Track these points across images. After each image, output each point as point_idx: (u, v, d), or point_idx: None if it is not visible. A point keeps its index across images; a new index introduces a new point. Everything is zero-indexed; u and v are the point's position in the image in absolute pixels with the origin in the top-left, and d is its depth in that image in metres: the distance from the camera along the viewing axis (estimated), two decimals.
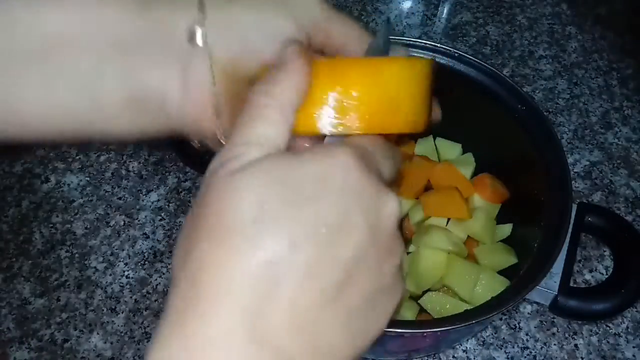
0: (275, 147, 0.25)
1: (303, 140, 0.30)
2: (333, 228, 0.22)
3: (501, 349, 0.55)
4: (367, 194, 0.24)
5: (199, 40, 0.28)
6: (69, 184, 0.65)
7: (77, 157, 0.67)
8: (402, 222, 0.62)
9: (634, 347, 0.56)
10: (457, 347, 0.55)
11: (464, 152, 0.65)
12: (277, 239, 0.22)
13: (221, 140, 0.30)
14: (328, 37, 0.31)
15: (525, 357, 0.55)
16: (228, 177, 0.23)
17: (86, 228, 0.62)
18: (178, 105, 0.29)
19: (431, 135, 0.66)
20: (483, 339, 0.56)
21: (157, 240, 0.61)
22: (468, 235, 0.58)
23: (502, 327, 0.57)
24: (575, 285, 0.59)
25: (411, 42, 0.57)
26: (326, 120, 0.27)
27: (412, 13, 0.83)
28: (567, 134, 0.71)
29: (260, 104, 0.25)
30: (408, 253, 0.58)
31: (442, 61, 0.57)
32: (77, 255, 0.60)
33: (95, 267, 0.59)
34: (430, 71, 0.32)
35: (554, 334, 0.56)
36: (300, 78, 0.26)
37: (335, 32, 0.32)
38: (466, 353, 0.55)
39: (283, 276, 0.22)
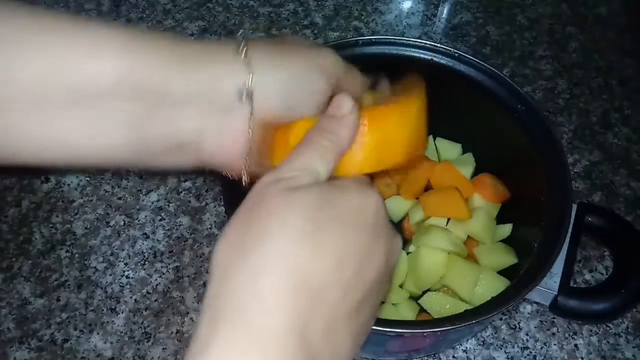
0: (321, 179, 0.29)
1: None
2: (366, 252, 0.27)
3: (501, 349, 0.55)
4: (387, 229, 0.29)
5: (245, 98, 0.32)
6: (69, 184, 0.65)
7: None
8: (401, 222, 0.62)
9: (634, 347, 0.56)
10: (457, 347, 0.55)
11: (464, 152, 0.65)
12: (328, 253, 0.25)
13: (244, 178, 0.35)
14: (340, 87, 0.36)
15: (525, 357, 0.55)
16: (285, 192, 0.26)
17: (86, 228, 0.62)
18: (211, 149, 0.34)
19: (431, 135, 0.66)
20: (483, 339, 0.56)
21: (157, 240, 0.61)
22: (468, 235, 0.58)
23: (502, 327, 0.57)
24: (575, 285, 0.59)
25: (411, 42, 0.57)
26: (364, 162, 0.33)
27: (412, 13, 0.83)
28: (567, 134, 0.71)
29: (322, 143, 0.30)
30: (408, 253, 0.58)
31: (442, 61, 0.57)
32: (77, 255, 0.60)
33: (95, 267, 0.59)
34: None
35: (554, 334, 0.56)
36: (355, 131, 0.31)
37: (348, 83, 0.37)
38: (466, 353, 0.55)
39: (329, 287, 0.25)
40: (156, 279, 0.59)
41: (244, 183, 0.36)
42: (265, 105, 0.33)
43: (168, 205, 0.64)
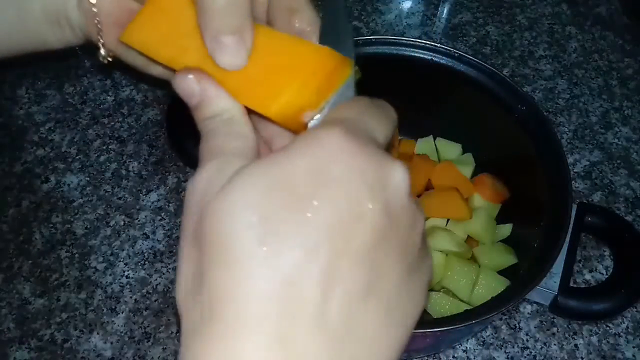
0: (251, 151, 0.25)
1: (282, 140, 0.30)
2: (344, 220, 0.20)
3: (501, 349, 0.55)
4: (369, 171, 0.21)
5: None
6: (69, 184, 0.65)
7: (77, 157, 0.67)
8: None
9: (634, 347, 0.56)
10: (457, 347, 0.55)
11: (464, 152, 0.65)
12: (289, 253, 0.20)
13: (101, 52, 0.33)
14: None
15: (525, 357, 0.55)
16: (220, 196, 0.21)
17: (86, 228, 0.62)
18: (77, 16, 0.32)
19: (431, 135, 0.66)
20: (483, 339, 0.56)
21: (157, 240, 0.61)
22: (468, 235, 0.58)
23: (502, 327, 0.57)
24: (575, 285, 0.59)
25: (411, 42, 0.57)
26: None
27: (412, 13, 0.83)
28: (567, 134, 0.71)
29: (210, 129, 0.25)
30: None
31: (442, 61, 0.57)
32: (77, 255, 0.60)
33: (95, 267, 0.59)
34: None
35: (554, 334, 0.56)
36: (219, 99, 0.26)
37: None
38: (466, 353, 0.55)
39: (305, 289, 0.20)
40: (156, 279, 0.59)
41: (100, 58, 0.33)
42: None
43: (168, 205, 0.64)
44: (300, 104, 0.25)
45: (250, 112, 0.27)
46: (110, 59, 0.34)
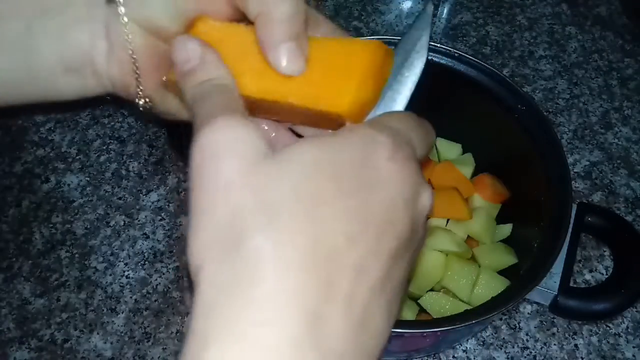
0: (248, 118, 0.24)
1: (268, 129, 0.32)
2: (380, 221, 0.22)
3: (501, 349, 0.55)
4: (408, 185, 0.23)
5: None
6: (69, 184, 0.65)
7: (77, 157, 0.67)
8: None
9: (634, 347, 0.56)
10: (457, 347, 0.55)
11: (464, 152, 0.65)
12: (333, 235, 0.21)
13: (140, 101, 0.31)
14: None
15: (525, 357, 0.55)
16: (269, 165, 0.21)
17: (86, 228, 0.62)
18: (105, 63, 0.30)
19: None
20: (483, 339, 0.56)
21: (157, 240, 0.61)
22: (468, 235, 0.58)
23: (502, 327, 0.57)
24: (575, 285, 0.59)
25: None
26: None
27: (412, 13, 0.83)
28: (567, 134, 0.71)
29: (206, 91, 0.25)
30: None
31: (442, 61, 0.57)
32: (77, 255, 0.60)
33: (95, 267, 0.59)
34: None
35: (554, 334, 0.56)
36: (218, 67, 0.26)
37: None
38: (466, 353, 0.55)
39: (341, 273, 0.21)
40: (156, 279, 0.59)
41: (140, 107, 0.31)
42: (143, 6, 0.28)
43: (168, 205, 0.64)
44: (365, 97, 0.28)
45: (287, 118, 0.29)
46: (149, 106, 0.32)
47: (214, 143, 0.22)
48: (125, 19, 0.28)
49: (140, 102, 0.31)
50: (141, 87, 0.30)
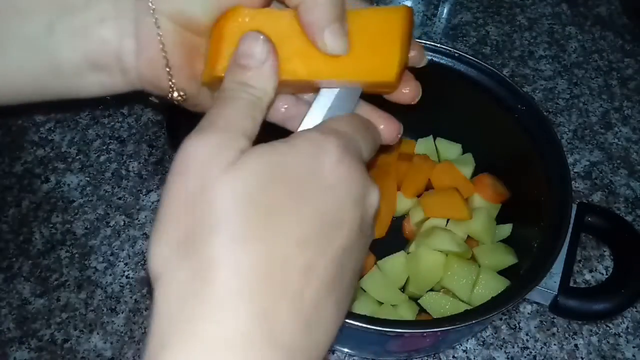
0: (253, 136, 0.25)
1: (281, 102, 0.33)
2: (329, 223, 0.23)
3: (501, 349, 0.55)
4: (355, 186, 0.25)
5: None
6: (69, 184, 0.65)
7: (77, 157, 0.67)
8: (402, 222, 0.62)
9: (634, 347, 0.56)
10: (457, 347, 0.55)
11: (464, 152, 0.65)
12: (286, 238, 0.22)
13: (173, 95, 0.31)
14: None
15: (525, 357, 0.55)
16: (228, 173, 0.23)
17: (86, 228, 0.62)
18: (134, 60, 0.29)
19: (431, 135, 0.66)
20: (483, 339, 0.56)
21: None
22: (468, 235, 0.58)
23: (502, 327, 0.57)
24: (575, 285, 0.59)
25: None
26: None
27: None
28: (567, 134, 0.71)
29: (241, 98, 0.26)
30: (408, 253, 0.58)
31: (442, 61, 0.57)
32: (77, 255, 0.60)
33: (95, 267, 0.59)
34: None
35: (554, 334, 0.56)
36: (275, 78, 0.27)
37: None
38: (466, 353, 0.55)
39: (291, 274, 0.22)
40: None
41: (174, 101, 0.31)
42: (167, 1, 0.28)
43: None
44: (405, 60, 0.30)
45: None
46: (183, 99, 0.32)
47: (188, 158, 0.24)
48: (157, 14, 0.28)
49: (174, 95, 0.31)
50: (173, 81, 0.30)
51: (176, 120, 0.56)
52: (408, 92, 0.33)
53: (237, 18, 0.29)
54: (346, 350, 0.54)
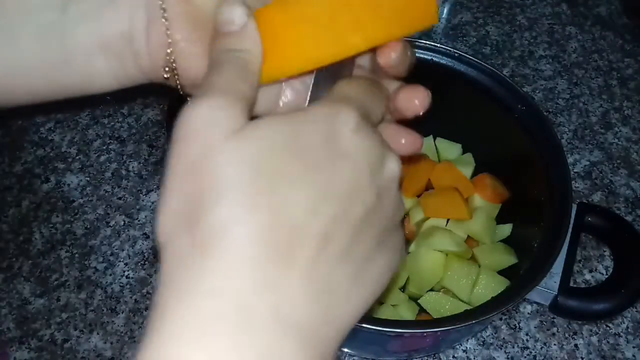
0: (251, 101, 0.25)
1: (290, 86, 0.32)
2: (345, 191, 0.23)
3: (501, 349, 0.55)
4: (373, 155, 0.24)
5: None
6: (69, 184, 0.65)
7: (77, 157, 0.67)
8: (402, 222, 0.62)
9: (634, 347, 0.56)
10: (457, 347, 0.55)
11: (464, 152, 0.65)
12: (297, 205, 0.21)
13: (177, 83, 0.30)
14: None
15: (525, 357, 0.55)
16: (235, 140, 0.22)
17: (86, 228, 0.62)
18: (144, 40, 0.28)
19: (431, 135, 0.66)
20: (483, 339, 0.56)
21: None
22: (468, 235, 0.58)
23: (502, 327, 0.57)
24: (575, 285, 0.59)
25: (411, 42, 0.57)
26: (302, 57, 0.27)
27: None
28: (567, 134, 0.71)
29: (231, 63, 0.25)
30: (408, 253, 0.58)
31: (442, 61, 0.57)
32: (77, 255, 0.60)
33: (95, 267, 0.59)
34: None
35: (554, 334, 0.56)
36: (257, 40, 0.26)
37: None
38: (466, 353, 0.55)
39: (302, 242, 0.21)
40: (156, 279, 0.59)
41: (180, 91, 0.30)
42: None
43: None
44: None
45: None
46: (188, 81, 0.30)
47: (189, 124, 0.23)
48: None
49: (177, 79, 0.30)
50: (174, 60, 0.29)
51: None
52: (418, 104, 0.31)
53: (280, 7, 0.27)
54: (346, 350, 0.54)
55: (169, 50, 0.29)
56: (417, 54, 0.57)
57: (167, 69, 0.29)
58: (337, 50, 0.27)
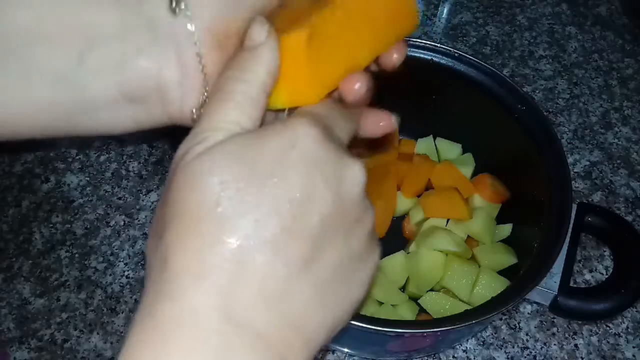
0: (244, 129, 0.25)
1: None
2: (296, 201, 0.23)
3: (501, 349, 0.55)
4: (328, 162, 0.24)
5: (178, 5, 0.26)
6: (69, 184, 0.65)
7: (77, 157, 0.67)
8: (401, 222, 0.62)
9: (634, 347, 0.56)
10: (457, 347, 0.55)
11: (464, 152, 0.65)
12: (241, 219, 0.22)
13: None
14: None
15: (525, 357, 0.55)
16: (192, 162, 0.23)
17: (86, 228, 0.62)
18: (178, 95, 0.27)
19: (431, 135, 0.66)
20: (483, 339, 0.56)
21: None
22: (468, 235, 0.58)
23: (502, 327, 0.57)
24: (575, 285, 0.59)
25: (411, 42, 0.57)
26: (307, 89, 0.27)
27: None
28: (567, 134, 0.71)
29: (234, 90, 0.25)
30: (408, 253, 0.58)
31: (442, 61, 0.57)
32: (77, 255, 0.60)
33: (95, 267, 0.59)
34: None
35: (554, 334, 0.56)
36: (275, 63, 0.26)
37: None
38: (466, 353, 0.55)
39: (250, 255, 0.22)
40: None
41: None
42: (209, 12, 0.26)
43: None
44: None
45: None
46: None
47: (178, 152, 0.24)
48: (196, 35, 0.26)
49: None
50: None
51: None
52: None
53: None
54: (346, 350, 0.54)
55: (204, 97, 0.27)
56: (417, 54, 0.57)
57: (195, 113, 0.28)
58: (349, 69, 0.28)
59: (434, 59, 0.57)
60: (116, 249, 0.60)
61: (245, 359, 0.22)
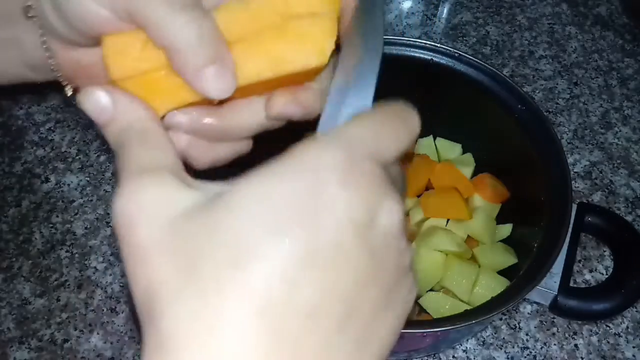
0: (173, 160, 0.23)
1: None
2: (328, 255, 0.19)
3: (501, 349, 0.55)
4: (358, 207, 0.20)
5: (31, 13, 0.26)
6: (69, 184, 0.65)
7: (77, 157, 0.67)
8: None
9: (634, 347, 0.56)
10: (457, 347, 0.55)
11: (464, 152, 0.65)
12: (268, 281, 0.18)
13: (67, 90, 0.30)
14: None
15: (525, 357, 0.55)
16: (189, 219, 0.20)
17: (86, 228, 0.62)
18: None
19: (431, 135, 0.66)
20: (483, 339, 0.56)
21: None
22: (468, 235, 0.58)
23: (502, 327, 0.57)
24: (575, 285, 0.59)
25: (411, 42, 0.57)
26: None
27: (412, 13, 0.83)
28: (567, 134, 0.71)
29: (124, 141, 0.24)
30: None
31: (442, 61, 0.57)
32: (77, 255, 0.60)
33: (95, 267, 0.59)
34: None
35: (554, 334, 0.56)
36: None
37: None
38: (466, 353, 0.55)
39: (285, 323, 0.19)
40: None
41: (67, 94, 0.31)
42: (55, 20, 0.26)
43: None
44: (333, 40, 0.25)
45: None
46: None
47: (126, 210, 0.21)
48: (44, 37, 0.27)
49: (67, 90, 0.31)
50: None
51: None
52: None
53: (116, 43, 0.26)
54: None
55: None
56: (417, 54, 0.57)
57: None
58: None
59: (434, 59, 0.57)
60: (116, 249, 0.60)
61: None
